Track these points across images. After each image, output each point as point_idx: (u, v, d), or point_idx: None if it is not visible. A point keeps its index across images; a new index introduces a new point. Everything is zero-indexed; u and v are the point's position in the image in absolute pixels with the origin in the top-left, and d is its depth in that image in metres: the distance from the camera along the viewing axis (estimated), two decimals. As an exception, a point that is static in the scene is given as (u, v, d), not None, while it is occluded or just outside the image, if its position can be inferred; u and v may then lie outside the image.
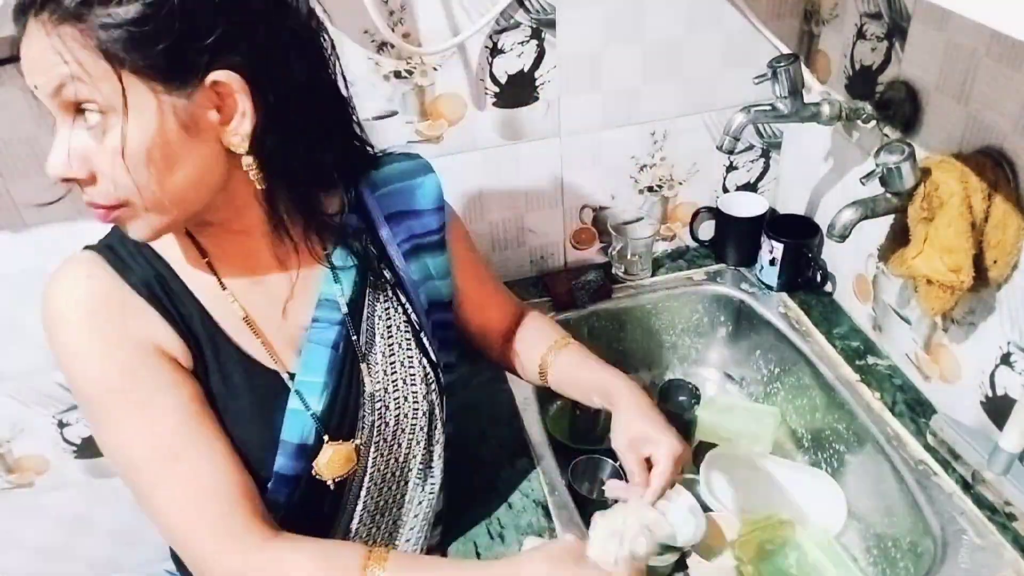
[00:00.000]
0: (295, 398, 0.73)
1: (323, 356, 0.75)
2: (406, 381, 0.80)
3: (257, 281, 0.74)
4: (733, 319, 1.30)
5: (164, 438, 0.67)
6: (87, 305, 0.67)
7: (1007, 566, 0.84)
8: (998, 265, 0.84)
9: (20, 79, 0.61)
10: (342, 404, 0.76)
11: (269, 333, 0.74)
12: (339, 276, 0.77)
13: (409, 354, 0.80)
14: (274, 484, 0.73)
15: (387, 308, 0.80)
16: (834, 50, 1.12)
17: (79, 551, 1.43)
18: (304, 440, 0.73)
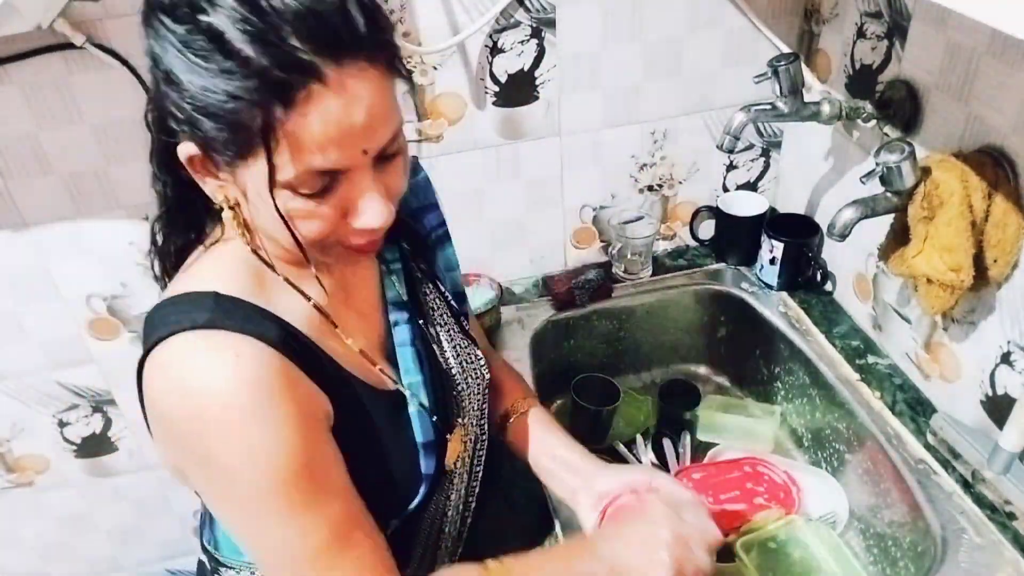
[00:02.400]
0: (412, 401, 0.73)
1: (412, 355, 0.75)
2: (468, 360, 0.82)
3: (346, 303, 0.73)
4: (733, 318, 1.30)
5: (338, 525, 0.62)
6: (254, 388, 0.58)
7: (1007, 565, 0.84)
8: (998, 264, 0.84)
9: (20, 79, 0.61)
10: (441, 392, 0.78)
11: (374, 354, 0.73)
12: (394, 274, 0.78)
13: (460, 335, 0.83)
14: (423, 487, 0.73)
15: (433, 299, 0.82)
16: (834, 49, 1.12)
17: (79, 550, 1.44)
18: (429, 437, 0.74)
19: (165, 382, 0.59)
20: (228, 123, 0.54)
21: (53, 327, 1.17)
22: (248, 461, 0.58)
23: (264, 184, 0.55)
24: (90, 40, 0.95)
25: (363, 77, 0.54)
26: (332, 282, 0.71)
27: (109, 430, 1.30)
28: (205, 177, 0.61)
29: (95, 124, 1.02)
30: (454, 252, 0.87)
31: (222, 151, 0.56)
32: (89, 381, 1.24)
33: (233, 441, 0.58)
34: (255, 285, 0.64)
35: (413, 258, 0.81)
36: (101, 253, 1.13)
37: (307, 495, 0.60)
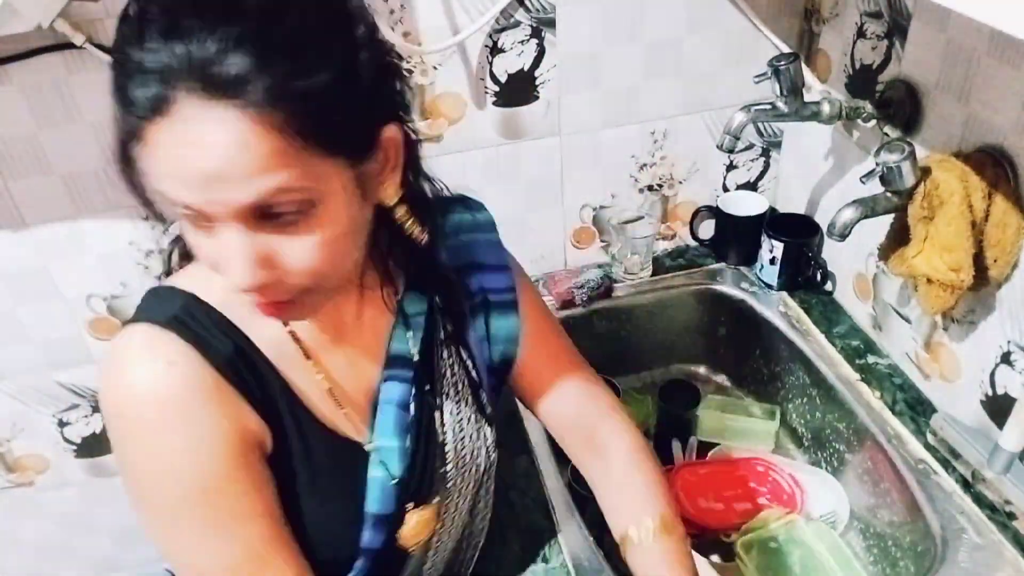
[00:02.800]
0: (377, 467, 0.67)
1: (396, 417, 0.69)
2: (472, 436, 0.76)
3: (336, 341, 0.68)
4: (733, 318, 1.30)
5: (254, 547, 0.59)
6: (175, 401, 0.57)
7: (1007, 565, 0.84)
8: (998, 264, 0.84)
9: (20, 79, 0.60)
10: (420, 465, 0.71)
11: (347, 398, 0.68)
12: (412, 329, 0.71)
13: (472, 410, 0.76)
14: (362, 561, 0.68)
15: (452, 363, 0.74)
16: (834, 49, 1.12)
17: (79, 550, 1.44)
18: (385, 509, 0.68)
19: (107, 369, 0.59)
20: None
21: (53, 327, 1.17)
22: (159, 472, 0.58)
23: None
24: (90, 40, 0.95)
25: (208, 111, 0.46)
26: (329, 317, 0.67)
27: (109, 430, 1.30)
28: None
29: (95, 124, 1.02)
30: (513, 328, 0.78)
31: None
32: (89, 381, 1.24)
33: (148, 449, 0.57)
34: (237, 298, 0.59)
35: (444, 316, 0.74)
36: (101, 253, 1.13)
37: (219, 514, 0.58)
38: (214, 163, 0.47)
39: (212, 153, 0.47)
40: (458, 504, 0.76)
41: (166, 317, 0.59)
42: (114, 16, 0.95)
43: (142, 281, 1.16)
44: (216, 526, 0.59)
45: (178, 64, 0.46)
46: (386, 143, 0.57)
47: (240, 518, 0.59)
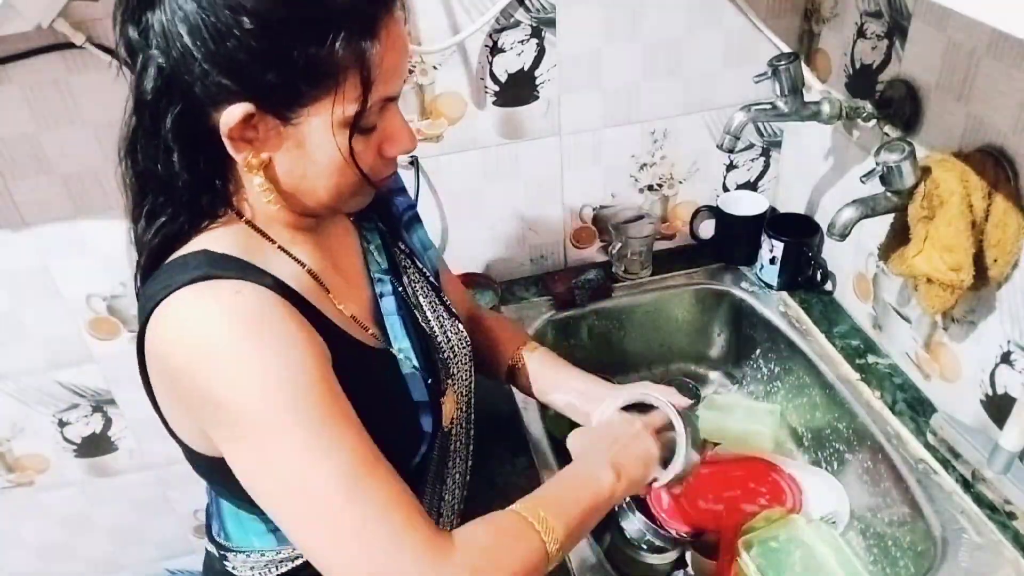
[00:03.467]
0: (406, 365, 0.74)
1: (399, 323, 0.77)
2: (451, 330, 0.84)
3: (335, 269, 0.74)
4: (733, 318, 1.30)
5: (360, 449, 0.60)
6: (254, 316, 0.59)
7: (1007, 565, 0.84)
8: (998, 264, 0.84)
9: (20, 79, 0.61)
10: (429, 357, 0.78)
11: (362, 319, 0.74)
12: (373, 247, 0.80)
13: (442, 309, 0.84)
14: (425, 444, 0.74)
15: (412, 273, 0.83)
16: (834, 49, 1.12)
17: (79, 550, 1.44)
18: (424, 397, 0.75)
19: (170, 332, 0.59)
20: (311, 62, 0.56)
21: (53, 327, 1.17)
22: (261, 384, 0.57)
23: (337, 123, 0.60)
24: (90, 40, 0.95)
25: (400, 15, 0.61)
26: (323, 251, 0.73)
27: (109, 430, 1.30)
28: (241, 144, 0.60)
29: (95, 124, 1.02)
30: (426, 233, 0.90)
31: (291, 99, 0.58)
32: (89, 381, 1.24)
33: (244, 368, 0.57)
34: (245, 249, 0.65)
35: (390, 235, 0.83)
36: (101, 253, 1.13)
37: (323, 415, 0.58)
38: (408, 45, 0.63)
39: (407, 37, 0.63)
40: (463, 389, 0.84)
41: (200, 274, 0.60)
42: (114, 16, 0.95)
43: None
44: (325, 428, 0.58)
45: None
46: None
47: (344, 420, 0.60)
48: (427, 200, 1.21)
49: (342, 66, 0.57)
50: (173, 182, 0.63)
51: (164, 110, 0.60)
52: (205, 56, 0.56)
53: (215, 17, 0.55)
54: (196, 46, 0.56)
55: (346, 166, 0.63)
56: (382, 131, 0.65)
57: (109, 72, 0.98)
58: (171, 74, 0.58)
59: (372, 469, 0.60)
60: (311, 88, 0.58)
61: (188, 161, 0.62)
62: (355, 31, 0.57)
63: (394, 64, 0.60)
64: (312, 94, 0.58)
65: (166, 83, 0.58)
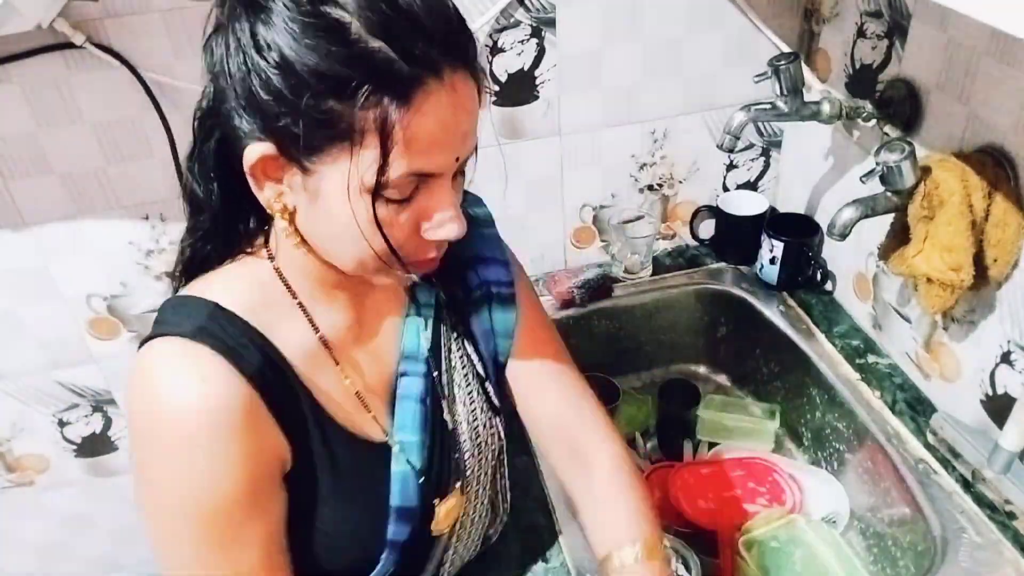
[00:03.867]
0: (399, 462, 0.69)
1: (415, 412, 0.71)
2: (485, 425, 0.77)
3: (357, 339, 0.69)
4: (733, 318, 1.30)
5: (243, 570, 0.60)
6: (206, 422, 0.57)
7: (1007, 564, 0.84)
8: (998, 264, 0.84)
9: (20, 79, 0.60)
10: (438, 456, 0.72)
11: (371, 398, 0.69)
12: (423, 319, 0.73)
13: (482, 400, 0.78)
14: (387, 553, 0.69)
15: (459, 356, 0.76)
16: (834, 49, 1.12)
17: (79, 550, 1.44)
18: (409, 502, 0.69)
19: (137, 381, 0.59)
20: (332, 114, 0.52)
21: (53, 327, 1.17)
22: (176, 490, 0.58)
23: (354, 185, 0.54)
24: (90, 40, 0.95)
25: (468, 83, 0.55)
26: (351, 316, 0.68)
27: (109, 430, 1.30)
28: (265, 182, 0.58)
29: (95, 124, 1.02)
30: (511, 320, 0.78)
31: (310, 148, 0.54)
32: (89, 381, 1.24)
33: (171, 467, 0.57)
34: (261, 305, 0.63)
35: (448, 309, 0.76)
36: (101, 253, 1.13)
37: (220, 538, 0.59)
38: (469, 120, 0.56)
39: (470, 112, 0.56)
40: (478, 492, 0.78)
41: (194, 328, 0.59)
42: (114, 16, 0.95)
43: (142, 281, 1.16)
44: (214, 548, 0.59)
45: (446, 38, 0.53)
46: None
47: (238, 544, 0.59)
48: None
49: (362, 125, 0.52)
50: (211, 205, 0.62)
51: (209, 133, 0.60)
52: (238, 91, 0.55)
53: (248, 54, 0.53)
54: (232, 80, 0.55)
55: (370, 235, 0.57)
56: (423, 208, 0.58)
57: (109, 72, 0.98)
58: (217, 100, 0.58)
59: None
60: (327, 141, 0.54)
61: (224, 188, 0.61)
62: (383, 89, 0.51)
63: (432, 137, 0.54)
64: (328, 147, 0.54)
65: (213, 109, 0.58)
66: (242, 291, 0.63)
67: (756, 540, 0.99)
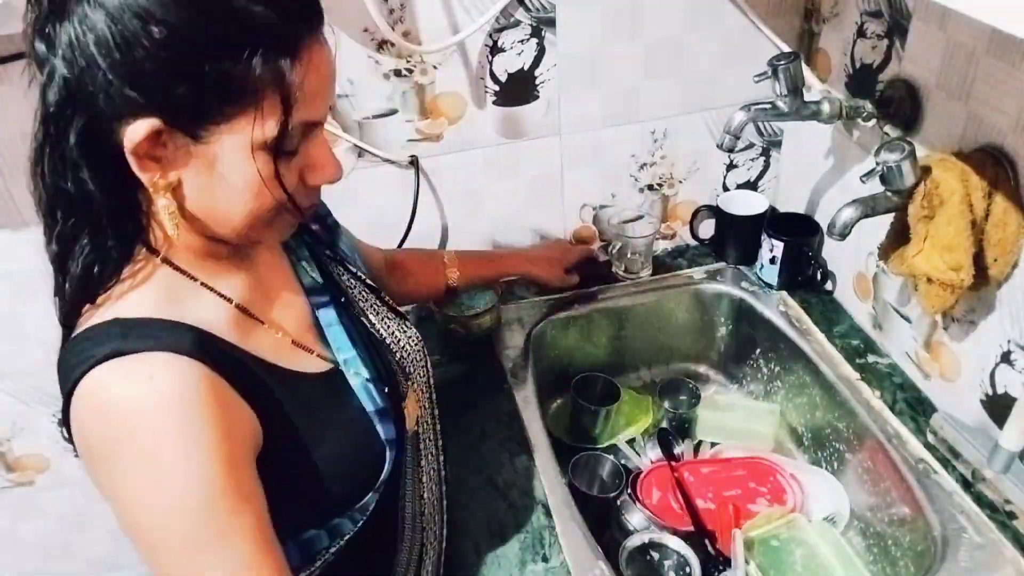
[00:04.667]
0: (353, 376, 0.73)
1: (341, 333, 0.75)
2: (401, 330, 0.83)
3: (265, 295, 0.71)
4: (733, 318, 1.30)
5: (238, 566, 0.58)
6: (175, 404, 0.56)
7: (1007, 564, 0.84)
8: (998, 263, 0.84)
9: (20, 78, 0.60)
10: (380, 363, 0.77)
11: (302, 339, 0.72)
12: (303, 261, 0.78)
13: (385, 310, 0.84)
14: (388, 452, 0.72)
15: (347, 279, 0.82)
16: (834, 48, 1.12)
17: (79, 549, 1.44)
18: (378, 405, 0.73)
19: (83, 413, 0.58)
20: (227, 77, 0.54)
21: (53, 326, 1.17)
22: (157, 491, 0.56)
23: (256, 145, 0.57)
24: (90, 39, 0.95)
25: (325, 40, 0.59)
26: (250, 277, 0.69)
27: (109, 430, 1.30)
28: (147, 164, 0.56)
29: (95, 123, 1.02)
30: (350, 235, 0.90)
31: (203, 116, 0.55)
32: (89, 381, 1.24)
33: (144, 467, 0.56)
34: (163, 299, 0.61)
35: (318, 244, 0.82)
36: (101, 253, 1.13)
37: (208, 533, 0.57)
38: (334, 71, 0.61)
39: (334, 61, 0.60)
40: (422, 387, 0.84)
41: (111, 349, 0.57)
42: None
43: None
44: (207, 547, 0.58)
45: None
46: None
47: (230, 538, 0.58)
48: (427, 200, 1.21)
49: (260, 85, 0.54)
50: (86, 203, 0.59)
51: (69, 124, 0.57)
52: (111, 66, 0.53)
53: (123, 26, 0.52)
54: (102, 55, 0.52)
55: (261, 191, 0.59)
56: (305, 158, 0.61)
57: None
58: (76, 86, 0.55)
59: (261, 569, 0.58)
60: (225, 105, 0.55)
61: (97, 179, 0.58)
62: (274, 49, 0.54)
63: (317, 88, 0.58)
64: (226, 111, 0.55)
65: (70, 95, 0.55)
66: (136, 295, 0.61)
67: (757, 539, 0.99)
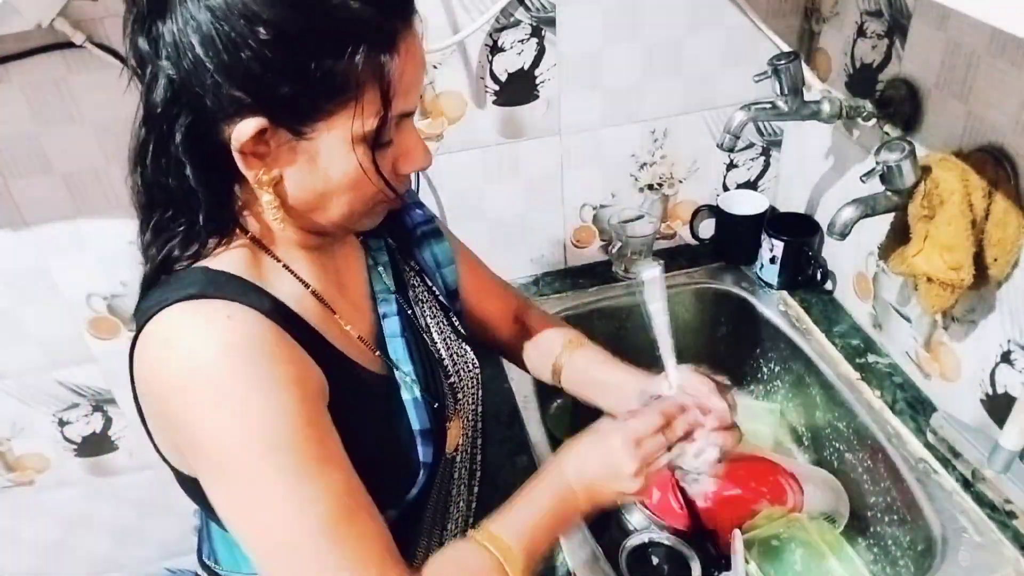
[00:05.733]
0: (407, 389, 0.73)
1: (403, 346, 0.75)
2: (459, 352, 0.82)
3: (341, 291, 0.73)
4: (733, 317, 1.30)
5: (342, 497, 0.59)
6: (245, 350, 0.57)
7: (1007, 564, 0.84)
8: (998, 263, 0.84)
9: (20, 78, 0.60)
10: (433, 382, 0.77)
11: (367, 339, 0.73)
12: (381, 266, 0.79)
13: (449, 330, 0.83)
14: (422, 475, 0.72)
15: (421, 291, 0.82)
16: (834, 48, 1.12)
17: (79, 549, 1.44)
18: (425, 425, 0.73)
19: (155, 352, 0.58)
20: (329, 74, 0.55)
21: (53, 326, 1.17)
22: (242, 426, 0.56)
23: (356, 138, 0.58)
24: (90, 39, 0.95)
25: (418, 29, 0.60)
26: (329, 270, 0.71)
27: (109, 429, 1.30)
28: (252, 160, 0.58)
29: (95, 124, 1.02)
30: (448, 249, 0.86)
31: (307, 113, 0.57)
32: (89, 380, 1.24)
33: (225, 405, 0.56)
34: (251, 266, 0.64)
35: (400, 252, 0.82)
36: (101, 253, 1.13)
37: (306, 462, 0.57)
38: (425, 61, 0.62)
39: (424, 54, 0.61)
40: (468, 414, 0.83)
41: (195, 291, 0.59)
42: (114, 15, 0.95)
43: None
44: (306, 474, 0.57)
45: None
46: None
47: (326, 464, 0.59)
48: (427, 200, 1.21)
49: (361, 79, 0.56)
50: (186, 197, 0.61)
51: (174, 123, 0.58)
52: (218, 67, 0.54)
53: (230, 27, 0.53)
54: (209, 57, 0.54)
55: (361, 182, 0.61)
56: (397, 147, 0.63)
57: (109, 72, 0.98)
58: (182, 86, 0.56)
59: (351, 517, 0.59)
60: (328, 102, 0.57)
61: (200, 176, 0.60)
62: (375, 44, 0.56)
63: (413, 78, 0.60)
64: (329, 108, 0.57)
65: (176, 95, 0.57)
66: (228, 259, 0.63)
67: (757, 539, 0.99)
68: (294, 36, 0.54)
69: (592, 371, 0.88)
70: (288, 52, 0.54)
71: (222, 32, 0.53)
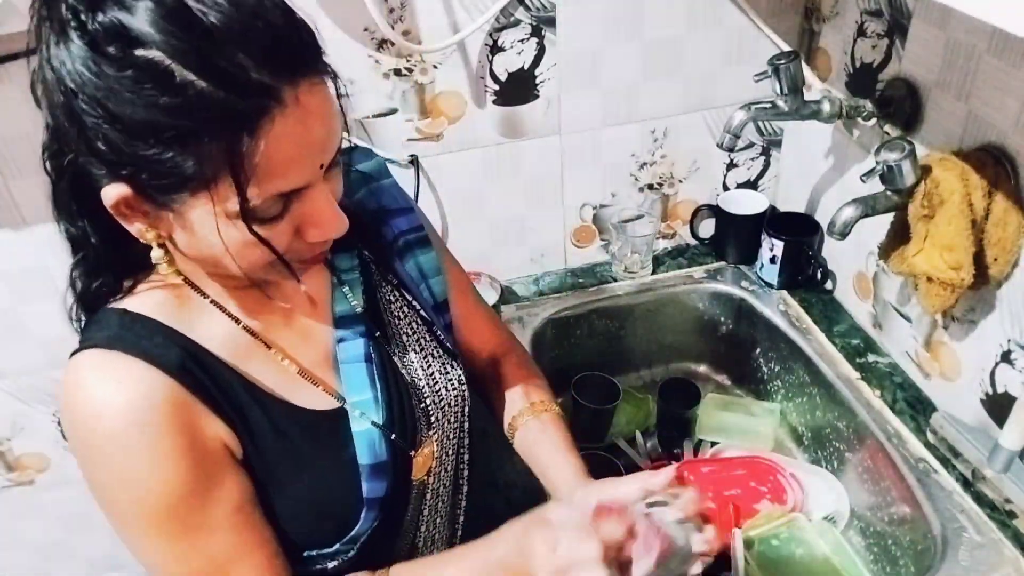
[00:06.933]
0: (357, 421, 0.69)
1: (361, 372, 0.71)
2: (440, 371, 0.78)
3: (287, 320, 0.70)
4: (733, 317, 1.30)
5: (216, 559, 0.62)
6: (129, 419, 0.57)
7: (1007, 564, 0.84)
8: (998, 263, 0.84)
9: (20, 78, 0.60)
10: (398, 408, 0.73)
11: (315, 372, 0.70)
12: (348, 285, 0.74)
13: (433, 346, 0.79)
14: (365, 512, 0.69)
15: (399, 307, 0.77)
16: (835, 47, 1.12)
17: (79, 549, 1.44)
18: (379, 458, 0.69)
19: (65, 396, 0.60)
20: (177, 162, 0.50)
21: (53, 326, 1.17)
22: (122, 491, 0.60)
23: (217, 217, 0.53)
24: (90, 39, 0.95)
25: (315, 91, 0.52)
26: (268, 300, 0.68)
27: (109, 429, 1.30)
28: (132, 218, 0.56)
29: (95, 123, 1.02)
30: (435, 258, 0.81)
31: (165, 191, 0.52)
32: (89, 380, 1.24)
33: (109, 470, 0.59)
34: (175, 306, 0.63)
35: (376, 265, 0.77)
36: (101, 252, 1.13)
37: (183, 528, 0.60)
38: (325, 127, 0.54)
39: (324, 117, 0.54)
40: (449, 434, 0.80)
41: (106, 337, 0.60)
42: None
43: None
44: (179, 539, 0.61)
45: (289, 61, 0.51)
46: None
47: (203, 531, 0.61)
48: (427, 200, 1.21)
49: (208, 167, 0.50)
50: (89, 242, 0.60)
51: (61, 175, 0.57)
52: (79, 133, 0.51)
53: (82, 102, 0.50)
54: (70, 121, 0.52)
55: (252, 248, 0.55)
56: (299, 216, 0.57)
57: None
58: (57, 141, 0.55)
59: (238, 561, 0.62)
60: (176, 186, 0.52)
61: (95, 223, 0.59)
62: (224, 131, 0.49)
63: (287, 159, 0.52)
64: (181, 190, 0.52)
65: (58, 150, 0.56)
66: (153, 296, 0.63)
67: (757, 539, 0.99)
68: (129, 123, 0.49)
69: (538, 449, 0.83)
70: (124, 138, 0.50)
71: (76, 106, 0.50)
